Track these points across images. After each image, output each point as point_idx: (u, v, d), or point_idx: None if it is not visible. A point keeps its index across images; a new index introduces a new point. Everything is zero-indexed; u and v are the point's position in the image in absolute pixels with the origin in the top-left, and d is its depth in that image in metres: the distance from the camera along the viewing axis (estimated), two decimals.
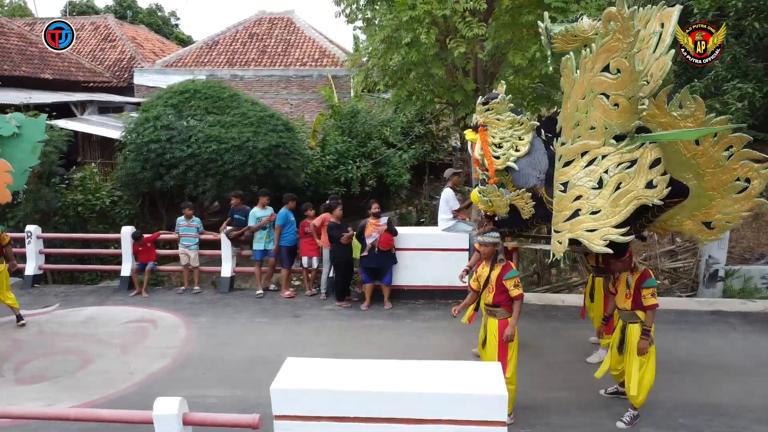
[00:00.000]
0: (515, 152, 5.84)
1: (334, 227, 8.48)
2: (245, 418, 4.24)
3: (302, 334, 7.78)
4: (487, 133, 5.95)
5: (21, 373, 6.81)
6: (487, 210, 6.22)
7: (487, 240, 5.69)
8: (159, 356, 7.15)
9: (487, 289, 5.61)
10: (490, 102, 6.00)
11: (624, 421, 5.44)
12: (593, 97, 4.47)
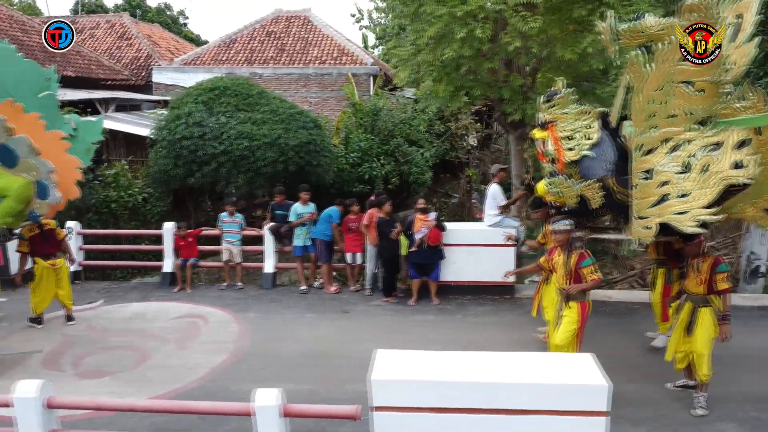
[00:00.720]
0: (587, 141, 5.91)
1: (383, 223, 8.48)
2: (345, 409, 4.23)
3: (354, 330, 7.77)
4: (555, 128, 6.01)
5: (80, 368, 6.79)
6: (556, 201, 6.27)
7: (560, 227, 5.76)
8: (216, 351, 7.13)
9: (563, 275, 5.73)
10: (553, 98, 6.08)
11: (702, 406, 5.50)
12: (673, 86, 4.64)
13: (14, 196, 6.95)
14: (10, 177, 6.95)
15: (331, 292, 9.12)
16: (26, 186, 7.00)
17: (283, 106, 13.52)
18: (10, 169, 7.00)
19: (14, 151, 6.93)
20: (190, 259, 9.44)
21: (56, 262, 7.96)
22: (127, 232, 11.21)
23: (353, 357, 6.88)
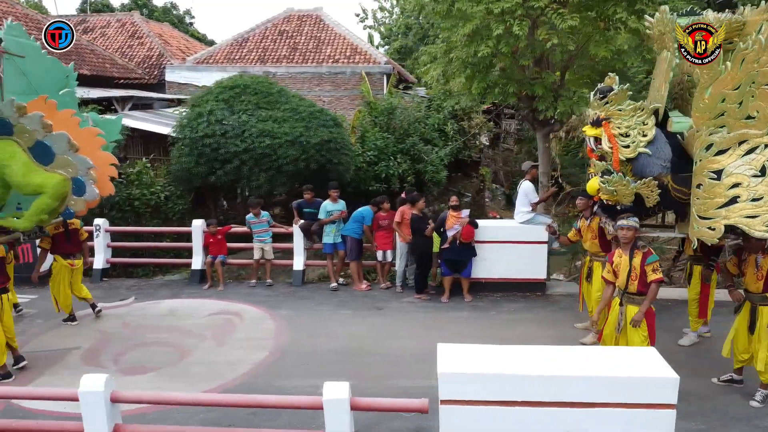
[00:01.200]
0: (643, 138, 5.89)
1: (417, 219, 8.49)
2: (413, 402, 4.24)
3: (389, 326, 7.77)
4: (611, 126, 5.99)
5: (121, 364, 6.78)
6: (609, 199, 6.25)
7: (628, 224, 5.67)
8: (256, 348, 7.13)
9: (630, 277, 5.62)
10: (608, 95, 6.05)
11: (757, 399, 5.51)
12: (756, 87, 4.56)
13: (50, 193, 6.89)
14: (47, 174, 6.90)
15: (362, 289, 9.12)
16: (63, 183, 6.96)
17: (303, 104, 13.53)
18: (45, 166, 6.98)
19: (51, 148, 6.90)
20: (219, 256, 9.43)
21: (75, 263, 7.94)
22: (156, 229, 11.23)
23: (390, 353, 6.92)
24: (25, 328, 7.90)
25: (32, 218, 6.99)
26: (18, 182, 6.78)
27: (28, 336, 7.63)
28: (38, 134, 6.79)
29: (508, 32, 7.70)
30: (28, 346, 7.32)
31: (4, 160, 6.67)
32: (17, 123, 6.67)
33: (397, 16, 39.36)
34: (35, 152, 6.86)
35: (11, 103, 6.61)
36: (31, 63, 7.34)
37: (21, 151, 6.75)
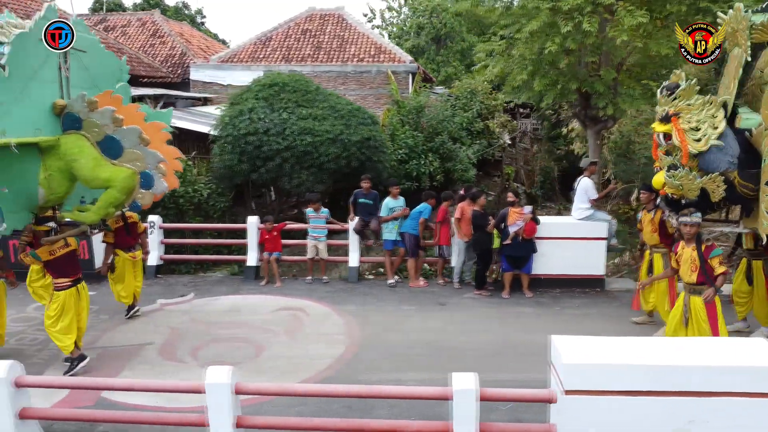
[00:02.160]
0: (714, 130, 5.95)
1: (479, 215, 8.53)
2: (541, 392, 4.28)
3: (458, 321, 7.81)
4: (680, 121, 6.06)
5: (200, 359, 6.79)
6: (675, 194, 6.32)
7: (692, 220, 5.83)
8: (331, 342, 7.16)
9: (690, 268, 5.78)
10: (676, 91, 6.12)
11: None
12: None
13: (119, 187, 6.90)
14: (115, 168, 6.92)
15: (420, 286, 9.16)
16: (131, 176, 6.97)
17: (341, 102, 13.59)
18: (114, 159, 7.00)
19: (120, 142, 6.93)
20: (274, 253, 9.46)
21: (135, 255, 8.05)
22: (211, 226, 11.28)
23: (467, 348, 6.95)
24: (93, 323, 7.90)
25: (100, 211, 7.00)
26: (86, 176, 6.80)
27: (98, 331, 7.66)
28: (108, 129, 6.81)
29: (576, 29, 7.75)
30: (100, 341, 7.37)
31: (73, 154, 6.68)
32: (87, 118, 6.70)
33: (405, 16, 39.43)
34: (104, 146, 6.89)
35: (82, 98, 6.64)
36: (91, 57, 7.34)
37: (89, 146, 6.77)
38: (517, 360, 6.47)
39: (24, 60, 6.38)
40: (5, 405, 4.51)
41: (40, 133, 6.61)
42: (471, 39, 35.01)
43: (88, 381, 5.47)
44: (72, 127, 6.76)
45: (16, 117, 6.26)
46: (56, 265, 6.50)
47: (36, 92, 6.52)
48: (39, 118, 6.59)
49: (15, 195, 6.32)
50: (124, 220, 7.92)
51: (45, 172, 6.74)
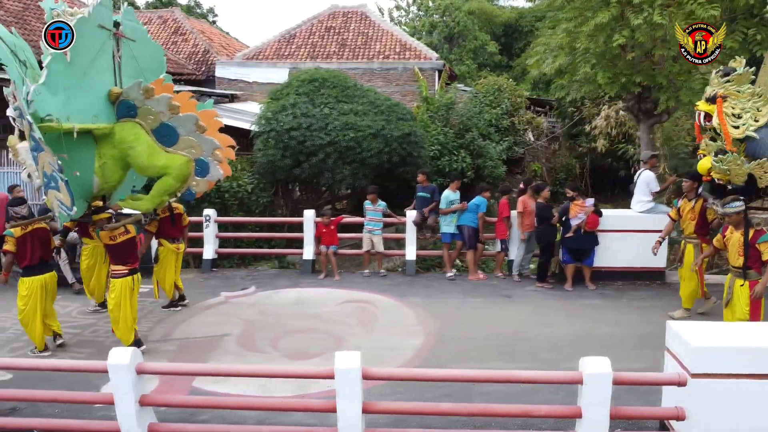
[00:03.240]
0: (754, 122, 6.00)
1: (543, 208, 8.55)
2: (670, 376, 4.30)
3: (530, 313, 7.81)
4: (725, 104, 6.10)
5: (281, 350, 6.78)
6: (722, 179, 6.37)
7: (732, 210, 5.91)
8: (408, 334, 7.17)
9: (738, 252, 5.89)
10: (732, 74, 6.17)
11: None
12: None
13: (174, 175, 6.90)
14: (171, 155, 6.91)
15: (479, 278, 9.17)
16: (186, 164, 6.97)
17: (380, 98, 13.61)
18: (169, 147, 6.99)
19: (175, 130, 6.91)
20: (331, 246, 9.46)
21: (179, 246, 8.07)
22: (265, 219, 11.28)
23: (546, 338, 6.97)
24: (162, 316, 7.90)
25: (155, 199, 7.01)
26: (142, 164, 6.80)
27: (169, 324, 7.64)
28: (163, 116, 6.81)
29: (647, 22, 7.77)
30: (175, 333, 7.35)
31: (129, 142, 6.70)
32: (142, 105, 6.71)
33: (414, 15, 39.48)
34: (159, 134, 6.89)
35: (138, 86, 6.65)
36: (139, 47, 7.34)
37: (145, 133, 6.78)
38: (603, 350, 6.42)
39: (83, 46, 6.38)
40: (128, 391, 4.50)
41: (97, 120, 6.62)
42: (483, 37, 35.15)
43: (209, 367, 5.43)
44: (127, 115, 6.79)
45: (77, 103, 6.30)
46: (116, 251, 6.52)
47: (93, 79, 6.55)
48: (96, 106, 6.62)
49: (75, 182, 6.31)
50: (170, 211, 7.91)
51: (99, 161, 6.75)
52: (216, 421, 5.17)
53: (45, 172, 6.21)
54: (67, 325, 7.61)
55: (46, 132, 5.82)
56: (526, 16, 38.94)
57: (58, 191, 6.16)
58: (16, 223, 6.71)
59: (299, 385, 5.78)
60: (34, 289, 6.56)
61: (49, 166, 6.09)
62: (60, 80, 6.10)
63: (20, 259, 6.61)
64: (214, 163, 7.26)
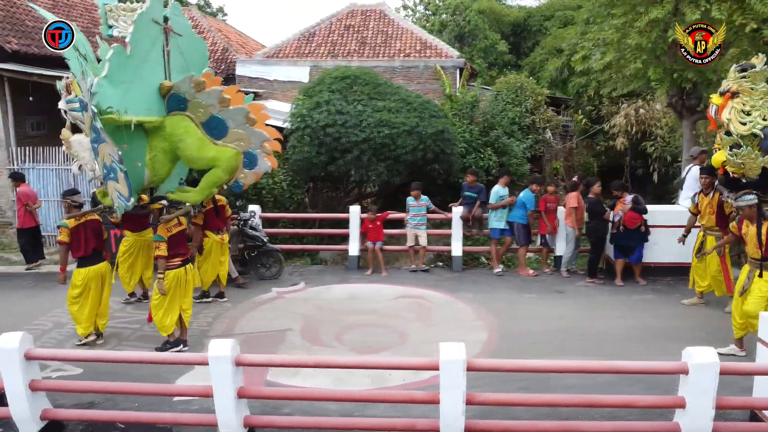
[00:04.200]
0: (762, 121, 6.06)
1: (596, 203, 8.56)
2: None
3: (586, 308, 7.84)
4: (736, 101, 6.15)
5: (347, 344, 6.79)
6: (736, 172, 6.40)
7: (744, 203, 5.94)
8: (470, 329, 7.18)
9: (755, 244, 5.93)
10: (749, 70, 6.20)
11: None
12: None
13: (223, 167, 6.98)
14: (220, 148, 6.97)
15: (529, 275, 9.18)
16: (235, 156, 7.03)
17: (411, 95, 13.60)
18: (217, 140, 7.01)
19: (225, 122, 6.95)
20: (377, 242, 9.46)
21: (224, 238, 8.13)
22: (309, 215, 11.34)
23: (606, 333, 7.01)
24: (219, 311, 7.89)
25: (204, 191, 7.09)
26: (192, 156, 6.86)
27: (227, 319, 7.64)
28: (213, 109, 6.86)
29: (704, 17, 7.79)
30: (236, 328, 7.34)
31: (179, 134, 6.77)
32: (193, 99, 6.77)
33: (421, 14, 39.53)
34: (208, 126, 6.94)
35: (189, 79, 6.70)
36: (186, 41, 7.36)
37: (194, 126, 6.86)
38: (669, 343, 6.50)
39: (141, 40, 6.46)
40: (228, 383, 4.49)
41: (150, 113, 6.69)
42: (493, 36, 35.18)
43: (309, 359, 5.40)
44: (177, 108, 6.85)
45: (133, 96, 6.37)
46: (170, 243, 6.51)
47: (147, 73, 6.62)
48: (149, 99, 6.69)
49: (130, 174, 6.32)
50: (214, 203, 7.94)
51: (150, 153, 6.81)
52: (297, 414, 5.16)
53: (105, 164, 6.24)
54: (126, 320, 7.65)
55: (106, 124, 5.90)
56: (534, 15, 39.01)
57: (117, 182, 6.19)
58: (70, 215, 6.73)
59: (374, 379, 5.80)
60: (88, 279, 6.63)
61: (109, 157, 6.11)
62: (119, 73, 6.18)
63: (74, 250, 6.66)
64: (262, 156, 7.29)
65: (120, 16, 6.76)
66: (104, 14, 6.61)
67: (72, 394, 5.35)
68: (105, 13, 6.61)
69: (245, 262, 9.28)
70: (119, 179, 6.15)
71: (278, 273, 9.27)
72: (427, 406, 4.91)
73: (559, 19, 37.93)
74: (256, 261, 9.30)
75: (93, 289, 6.65)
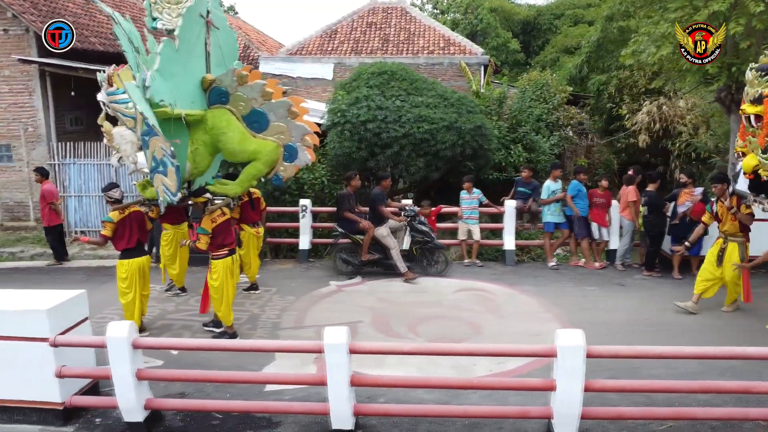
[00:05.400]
0: None
1: (656, 196, 8.57)
2: None
3: (651, 300, 7.85)
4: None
5: (423, 335, 6.78)
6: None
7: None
8: (541, 321, 7.19)
9: None
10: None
11: None
12: None
13: (264, 160, 6.99)
14: (261, 141, 6.98)
15: (595, 267, 9.16)
16: (275, 150, 7.04)
17: (447, 91, 13.59)
18: (258, 133, 7.00)
19: (266, 116, 6.95)
20: None
21: (259, 231, 8.18)
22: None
23: (679, 325, 7.05)
24: (284, 305, 7.87)
25: (243, 184, 7.14)
26: (233, 149, 6.87)
27: (295, 311, 7.62)
28: (255, 102, 6.86)
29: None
30: (306, 321, 7.31)
31: (221, 128, 6.78)
32: (235, 92, 6.76)
33: (429, 13, 39.55)
34: (249, 120, 6.94)
35: (231, 73, 6.69)
36: (222, 35, 7.36)
37: (236, 120, 6.86)
38: (747, 335, 6.52)
39: (188, 34, 6.47)
40: (343, 371, 4.48)
41: (194, 106, 6.70)
42: (505, 35, 35.23)
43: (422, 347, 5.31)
44: (218, 101, 6.86)
45: (181, 90, 6.39)
46: (216, 234, 6.55)
47: (192, 66, 6.63)
48: (193, 92, 6.71)
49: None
50: (249, 196, 7.97)
51: (192, 146, 6.82)
52: (393, 403, 5.14)
53: (155, 157, 6.21)
54: (188, 313, 7.60)
55: (157, 117, 5.93)
56: (544, 14, 39.09)
57: (165, 176, 6.18)
58: (114, 208, 6.73)
59: (459, 370, 5.79)
60: (132, 271, 6.65)
61: (161, 150, 6.10)
62: (170, 67, 6.21)
63: (118, 241, 6.68)
64: (302, 149, 7.26)
65: (164, 9, 6.74)
66: (149, 6, 6.59)
67: (159, 386, 5.33)
68: (150, 5, 6.59)
69: (412, 257, 9.06)
70: (168, 173, 6.14)
71: (445, 269, 9.04)
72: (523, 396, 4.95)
73: (569, 17, 38.06)
74: (423, 256, 9.09)
75: (136, 281, 6.68)
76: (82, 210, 11.66)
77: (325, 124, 12.82)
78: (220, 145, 6.85)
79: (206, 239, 6.42)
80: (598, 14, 34.02)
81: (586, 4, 37.30)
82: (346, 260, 9.07)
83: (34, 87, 11.71)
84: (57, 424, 4.96)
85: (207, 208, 6.63)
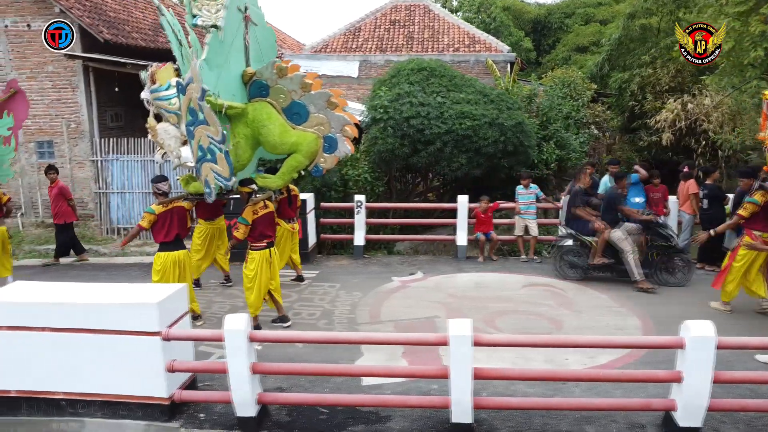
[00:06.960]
0: None
1: (716, 189, 8.54)
2: None
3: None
4: None
5: (505, 330, 6.71)
6: None
7: None
8: (619, 314, 7.18)
9: None
10: None
11: None
12: None
13: (304, 152, 7.01)
14: (301, 133, 6.98)
15: None
16: (315, 141, 7.05)
17: (486, 87, 13.57)
18: (298, 125, 7.01)
19: (306, 107, 6.96)
20: (489, 232, 9.41)
21: (295, 226, 8.17)
22: (416, 206, 11.41)
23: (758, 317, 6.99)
24: (353, 300, 7.81)
25: (285, 176, 7.19)
26: (274, 142, 6.89)
27: (368, 306, 7.59)
28: (295, 95, 6.87)
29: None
30: (382, 316, 7.26)
31: (262, 120, 6.82)
32: (275, 85, 6.80)
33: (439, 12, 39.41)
34: (289, 112, 6.96)
35: (272, 66, 6.73)
36: (260, 31, 7.34)
37: (276, 113, 6.89)
38: None
39: (229, 27, 6.46)
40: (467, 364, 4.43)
41: (235, 99, 6.72)
42: (518, 34, 35.22)
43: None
44: (259, 95, 6.90)
45: (223, 82, 6.41)
46: (256, 225, 6.55)
47: (233, 59, 6.65)
48: (234, 85, 6.74)
49: None
50: (288, 191, 7.95)
51: (233, 140, 6.84)
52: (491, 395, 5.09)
53: (201, 146, 6.20)
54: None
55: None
56: (555, 13, 39.12)
57: (215, 163, 6.16)
58: (158, 201, 6.71)
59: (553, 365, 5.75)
60: (166, 264, 6.62)
61: (207, 139, 6.08)
62: (215, 58, 6.23)
63: (156, 234, 6.68)
64: (342, 140, 7.24)
65: (204, 6, 6.71)
66: (189, 3, 6.57)
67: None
68: (189, 2, 6.57)
69: (649, 264, 8.22)
70: (218, 159, 6.11)
71: (686, 279, 8.14)
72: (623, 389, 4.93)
73: (579, 16, 38.09)
74: (661, 264, 8.25)
75: (170, 275, 6.62)
76: (125, 206, 11.59)
77: (364, 121, 12.78)
78: (260, 137, 6.88)
79: (245, 229, 6.47)
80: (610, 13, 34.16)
81: (596, 3, 37.34)
82: (572, 263, 8.42)
83: (77, 83, 11.62)
84: (162, 420, 4.90)
85: (251, 199, 6.63)
